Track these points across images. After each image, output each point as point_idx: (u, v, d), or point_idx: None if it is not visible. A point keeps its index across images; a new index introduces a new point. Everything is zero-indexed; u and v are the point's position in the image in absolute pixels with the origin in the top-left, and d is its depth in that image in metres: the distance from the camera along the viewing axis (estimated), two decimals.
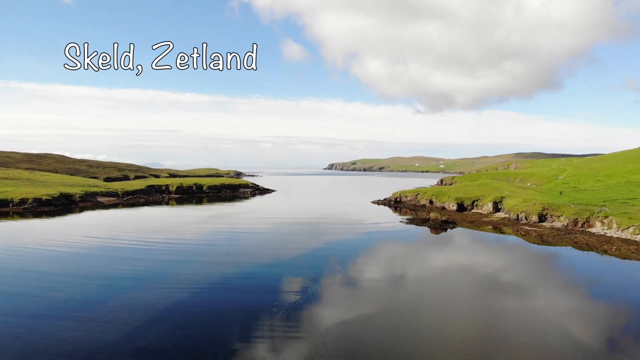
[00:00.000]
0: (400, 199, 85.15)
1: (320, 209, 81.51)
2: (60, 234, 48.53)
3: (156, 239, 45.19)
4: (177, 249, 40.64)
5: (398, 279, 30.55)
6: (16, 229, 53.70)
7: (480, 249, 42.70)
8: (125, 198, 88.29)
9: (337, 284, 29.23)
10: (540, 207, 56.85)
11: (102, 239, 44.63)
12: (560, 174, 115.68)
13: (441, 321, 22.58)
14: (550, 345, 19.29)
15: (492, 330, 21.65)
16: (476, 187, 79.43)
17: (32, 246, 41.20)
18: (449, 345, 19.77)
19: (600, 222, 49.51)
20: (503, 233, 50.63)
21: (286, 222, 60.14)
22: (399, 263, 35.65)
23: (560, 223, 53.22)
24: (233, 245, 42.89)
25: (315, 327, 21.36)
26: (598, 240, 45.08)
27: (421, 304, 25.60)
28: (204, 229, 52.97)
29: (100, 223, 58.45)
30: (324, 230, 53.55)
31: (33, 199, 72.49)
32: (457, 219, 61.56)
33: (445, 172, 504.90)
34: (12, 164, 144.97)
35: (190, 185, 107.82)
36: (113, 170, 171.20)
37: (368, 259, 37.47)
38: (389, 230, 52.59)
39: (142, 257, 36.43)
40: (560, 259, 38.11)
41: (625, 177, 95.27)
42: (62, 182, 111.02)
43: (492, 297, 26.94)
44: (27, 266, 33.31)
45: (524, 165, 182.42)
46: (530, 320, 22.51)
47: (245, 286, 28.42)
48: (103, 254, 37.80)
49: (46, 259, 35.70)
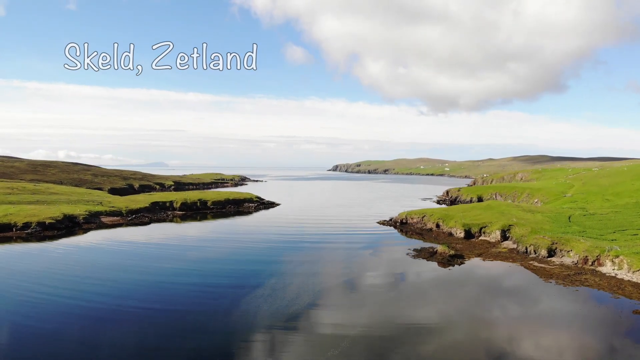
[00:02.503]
0: (406, 221, 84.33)
1: (325, 228, 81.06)
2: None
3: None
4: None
5: (412, 333, 29.76)
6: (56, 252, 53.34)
7: (492, 295, 41.85)
8: (129, 218, 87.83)
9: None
10: (550, 241, 55.88)
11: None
12: (568, 190, 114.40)
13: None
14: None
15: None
16: (483, 210, 78.46)
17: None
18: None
19: (611, 261, 48.52)
20: (512, 272, 49.69)
21: (286, 247, 59.50)
22: (410, 313, 34.87)
23: (570, 259, 52.25)
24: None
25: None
26: (609, 284, 44.13)
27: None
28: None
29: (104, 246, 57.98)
30: (328, 263, 52.90)
31: (36, 222, 72.17)
32: (464, 249, 60.69)
33: (450, 175, 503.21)
34: (16, 175, 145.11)
35: (194, 201, 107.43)
36: (118, 179, 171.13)
37: (380, 306, 36.69)
38: (397, 265, 51.86)
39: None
40: (575, 312, 37.17)
41: (634, 197, 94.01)
42: (67, 198, 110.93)
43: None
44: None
45: (530, 175, 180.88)
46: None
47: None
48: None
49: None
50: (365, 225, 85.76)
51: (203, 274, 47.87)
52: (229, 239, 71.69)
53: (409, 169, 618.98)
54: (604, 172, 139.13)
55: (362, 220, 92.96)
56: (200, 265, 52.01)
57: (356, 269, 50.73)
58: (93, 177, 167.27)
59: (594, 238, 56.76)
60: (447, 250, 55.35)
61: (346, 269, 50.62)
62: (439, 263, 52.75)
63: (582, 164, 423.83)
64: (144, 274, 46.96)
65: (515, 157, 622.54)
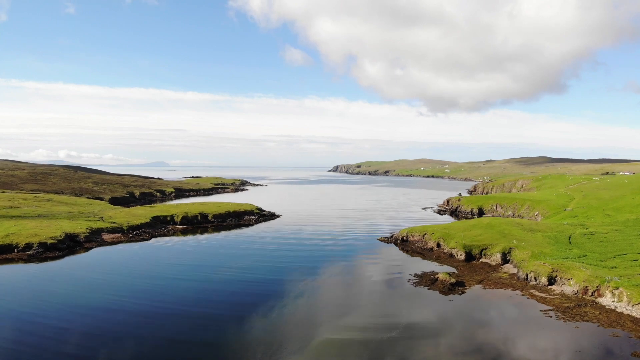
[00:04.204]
0: (407, 238, 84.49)
1: (324, 248, 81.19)
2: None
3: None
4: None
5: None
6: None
7: (493, 334, 42.01)
8: (130, 235, 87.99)
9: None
10: (550, 268, 56.05)
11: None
12: (568, 204, 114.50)
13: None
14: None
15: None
16: (484, 229, 78.58)
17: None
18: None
19: (611, 292, 48.67)
20: (513, 305, 49.78)
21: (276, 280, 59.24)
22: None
23: (570, 288, 52.42)
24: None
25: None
26: (608, 318, 44.30)
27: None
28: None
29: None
30: (329, 288, 53.01)
31: (38, 243, 72.37)
32: (465, 274, 60.84)
33: (450, 177, 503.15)
34: (17, 184, 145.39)
35: (195, 214, 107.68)
36: (118, 187, 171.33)
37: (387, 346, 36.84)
38: (400, 301, 52.02)
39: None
40: (575, 353, 37.29)
41: (634, 213, 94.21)
42: (68, 210, 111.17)
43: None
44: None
45: (530, 184, 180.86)
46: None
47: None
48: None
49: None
50: (366, 243, 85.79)
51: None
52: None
53: (409, 170, 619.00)
54: (604, 183, 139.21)
55: (362, 237, 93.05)
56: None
57: (355, 306, 50.82)
58: (94, 185, 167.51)
59: (594, 265, 56.90)
60: (448, 278, 55.48)
61: (344, 307, 50.46)
62: (440, 291, 52.92)
63: (583, 167, 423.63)
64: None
65: (516, 158, 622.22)
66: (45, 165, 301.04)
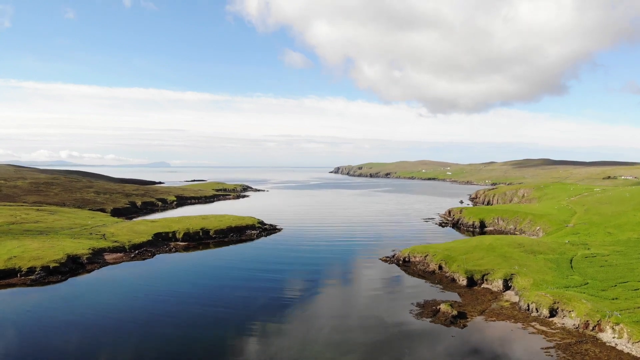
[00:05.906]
0: (409, 259, 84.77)
1: (326, 262, 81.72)
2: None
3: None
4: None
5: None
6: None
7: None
8: (132, 254, 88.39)
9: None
10: (551, 300, 56.24)
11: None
12: (570, 219, 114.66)
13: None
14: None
15: None
16: (485, 252, 78.79)
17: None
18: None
19: (612, 328, 48.84)
20: (514, 340, 50.02)
21: (271, 304, 59.83)
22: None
23: (572, 321, 52.59)
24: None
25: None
26: (609, 356, 44.57)
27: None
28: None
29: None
30: (331, 319, 53.32)
31: (41, 267, 72.72)
32: (467, 303, 61.15)
33: (452, 180, 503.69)
34: (19, 196, 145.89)
35: (197, 230, 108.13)
36: (120, 197, 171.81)
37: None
38: (402, 331, 52.30)
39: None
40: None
41: (636, 232, 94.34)
42: (70, 224, 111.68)
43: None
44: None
45: (532, 194, 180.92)
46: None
47: None
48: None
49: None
50: (367, 264, 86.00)
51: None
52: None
53: (410, 172, 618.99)
54: (606, 196, 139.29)
55: (364, 256, 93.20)
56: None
57: (354, 343, 51.13)
58: (95, 195, 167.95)
59: (595, 296, 57.05)
60: (450, 310, 55.71)
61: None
62: (442, 324, 53.16)
63: (584, 170, 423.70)
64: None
65: (516, 160, 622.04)
66: (47, 170, 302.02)
